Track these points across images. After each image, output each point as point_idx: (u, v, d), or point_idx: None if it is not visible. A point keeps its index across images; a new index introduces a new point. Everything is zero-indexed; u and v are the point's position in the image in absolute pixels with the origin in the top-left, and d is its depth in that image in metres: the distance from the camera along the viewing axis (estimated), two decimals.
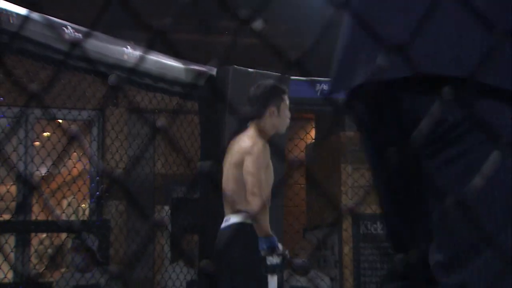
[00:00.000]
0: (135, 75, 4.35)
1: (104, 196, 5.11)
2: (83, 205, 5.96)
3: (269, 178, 3.62)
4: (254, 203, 3.47)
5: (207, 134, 4.89)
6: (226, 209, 3.71)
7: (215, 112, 4.77)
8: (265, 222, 3.48)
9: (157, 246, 5.94)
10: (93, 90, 4.71)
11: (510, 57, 1.24)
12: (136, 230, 5.70)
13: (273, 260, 3.49)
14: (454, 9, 1.25)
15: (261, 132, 3.75)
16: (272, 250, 3.47)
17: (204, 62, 4.69)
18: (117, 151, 5.20)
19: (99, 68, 3.98)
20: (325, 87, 5.42)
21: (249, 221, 3.53)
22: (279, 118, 3.76)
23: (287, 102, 3.82)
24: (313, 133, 7.39)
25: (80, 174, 5.51)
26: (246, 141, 3.62)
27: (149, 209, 5.81)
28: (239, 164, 3.60)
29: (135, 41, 4.46)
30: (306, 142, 7.05)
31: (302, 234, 6.97)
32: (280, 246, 3.57)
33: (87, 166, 5.69)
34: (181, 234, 5.61)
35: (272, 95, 3.77)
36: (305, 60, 1.39)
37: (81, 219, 5.90)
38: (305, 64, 1.39)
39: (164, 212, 5.81)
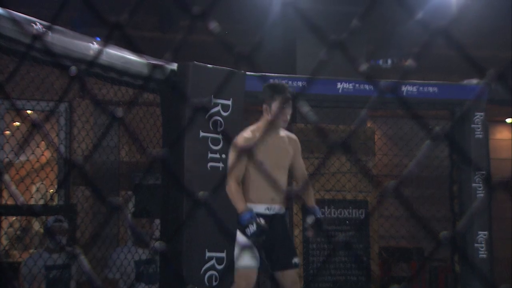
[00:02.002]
0: (100, 68, 4.28)
1: (66, 181, 5.04)
2: (51, 190, 5.86)
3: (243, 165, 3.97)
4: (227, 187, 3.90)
5: (168, 124, 4.85)
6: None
7: (175, 104, 4.73)
8: (234, 202, 3.88)
9: (121, 228, 5.88)
10: (61, 83, 4.62)
11: None
12: (101, 214, 5.64)
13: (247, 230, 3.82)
14: None
15: (259, 125, 4.09)
16: (241, 226, 3.82)
17: (170, 59, 4.64)
18: (83, 140, 5.12)
19: (66, 62, 3.91)
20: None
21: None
22: (271, 115, 4.05)
23: (282, 103, 4.03)
24: None
25: (48, 161, 5.41)
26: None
27: (114, 194, 5.75)
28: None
29: (102, 37, 4.39)
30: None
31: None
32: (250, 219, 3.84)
33: (55, 154, 5.59)
34: (137, 218, 5.57)
35: (265, 94, 4.07)
36: (255, 56, 1.37)
37: (49, 203, 5.80)
38: (255, 59, 1.37)
39: (127, 197, 5.75)
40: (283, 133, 4.17)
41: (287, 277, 3.99)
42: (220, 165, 4.78)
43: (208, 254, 4.67)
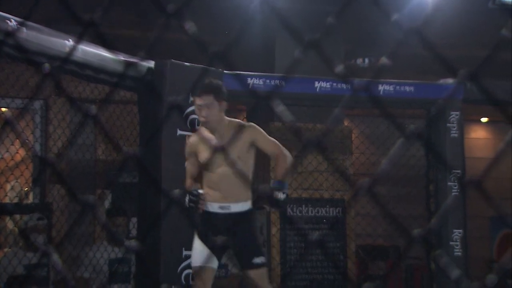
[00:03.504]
0: (76, 66, 4.25)
1: (41, 180, 4.99)
2: (26, 188, 5.81)
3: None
4: None
5: (145, 123, 4.83)
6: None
7: (152, 103, 4.71)
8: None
9: (96, 227, 5.84)
10: (36, 80, 4.58)
11: None
12: (76, 212, 5.59)
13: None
14: None
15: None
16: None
17: (144, 57, 4.63)
18: (59, 139, 5.08)
19: (41, 60, 3.87)
20: (255, 81, 5.42)
21: None
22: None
23: (197, 103, 4.02)
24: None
25: (23, 159, 5.36)
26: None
27: (90, 192, 5.71)
28: None
29: (76, 35, 4.35)
30: None
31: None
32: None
33: (30, 152, 5.54)
34: (113, 216, 5.52)
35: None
36: (231, 55, 1.37)
37: (24, 202, 5.74)
38: (230, 59, 1.37)
39: (103, 195, 5.72)
40: (232, 125, 4.11)
41: (250, 276, 3.91)
42: None
43: (185, 252, 4.66)
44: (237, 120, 4.32)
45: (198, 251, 3.89)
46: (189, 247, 4.64)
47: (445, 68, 1.38)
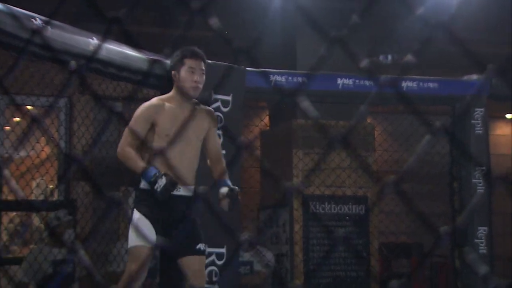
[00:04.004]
0: (99, 64, 4.28)
1: (66, 177, 5.02)
2: (51, 186, 5.86)
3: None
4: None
5: None
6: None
7: None
8: (131, 164, 3.52)
9: (121, 224, 5.88)
10: (60, 78, 4.61)
11: None
12: (101, 209, 5.64)
13: None
14: None
15: (170, 94, 3.66)
16: (148, 182, 3.44)
17: (169, 54, 4.64)
18: (83, 136, 5.12)
19: (65, 57, 3.90)
20: (278, 78, 5.41)
21: None
22: (180, 82, 3.62)
23: (191, 65, 3.63)
24: (267, 120, 7.39)
25: (48, 157, 5.41)
26: None
27: (114, 189, 5.74)
28: None
29: (101, 33, 4.39)
30: (261, 129, 7.05)
31: (257, 213, 6.98)
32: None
33: (55, 150, 5.59)
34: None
35: (173, 60, 3.67)
36: (255, 51, 1.36)
37: (49, 199, 5.80)
38: (255, 54, 1.36)
39: (127, 193, 5.75)
40: (199, 106, 3.74)
41: (190, 264, 3.55)
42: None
43: (208, 250, 4.67)
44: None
45: (139, 230, 3.50)
46: (212, 244, 4.65)
47: (472, 64, 1.36)
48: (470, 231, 5.44)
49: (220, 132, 4.77)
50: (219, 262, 4.81)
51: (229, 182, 3.64)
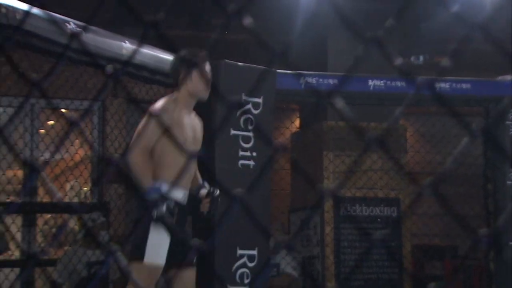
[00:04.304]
0: (132, 67, 4.32)
1: (102, 179, 5.07)
2: (85, 188, 5.93)
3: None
4: None
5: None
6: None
7: (207, 103, 4.74)
8: (140, 175, 3.27)
9: None
10: (94, 82, 4.67)
11: None
12: (133, 211, 5.69)
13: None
14: None
15: (177, 98, 3.49)
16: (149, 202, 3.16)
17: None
18: (116, 139, 5.17)
19: (100, 61, 3.95)
20: (308, 79, 5.40)
21: None
22: (193, 84, 3.51)
23: (204, 67, 3.59)
24: (297, 122, 7.38)
25: (82, 160, 5.48)
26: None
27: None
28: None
29: (134, 37, 4.43)
30: (291, 131, 7.05)
31: (288, 215, 6.97)
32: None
33: (89, 152, 5.66)
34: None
35: (179, 62, 3.57)
36: (289, 53, 1.36)
37: (83, 201, 5.87)
38: (289, 57, 1.36)
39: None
40: (193, 113, 3.63)
41: (185, 276, 3.42)
42: (251, 163, 4.78)
43: (239, 251, 4.67)
44: None
45: (165, 247, 3.29)
46: (244, 246, 4.66)
47: (508, 64, 1.34)
48: (505, 234, 5.37)
49: (251, 134, 4.78)
50: (251, 264, 4.81)
51: (205, 183, 3.58)
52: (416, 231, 6.51)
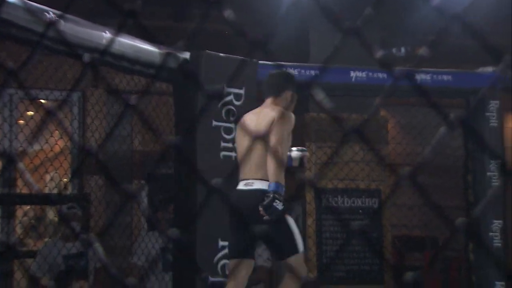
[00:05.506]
0: (112, 57, 4.29)
1: (80, 170, 5.05)
2: (65, 179, 5.90)
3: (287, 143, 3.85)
4: (276, 156, 3.72)
5: (180, 114, 4.85)
6: (247, 173, 3.80)
7: (188, 93, 4.73)
8: (282, 174, 3.70)
9: (134, 217, 5.91)
10: (73, 72, 4.64)
11: None
12: (114, 203, 5.67)
13: (278, 205, 3.61)
14: None
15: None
16: (277, 193, 3.61)
17: (182, 48, 4.65)
18: (97, 130, 5.14)
19: (79, 51, 3.91)
20: (290, 70, 5.40)
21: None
22: (291, 103, 3.96)
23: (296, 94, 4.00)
24: None
25: (62, 151, 5.44)
26: (271, 114, 3.84)
27: (127, 183, 5.76)
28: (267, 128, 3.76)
29: (114, 27, 4.40)
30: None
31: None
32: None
33: (69, 143, 5.63)
34: (156, 206, 5.59)
35: (289, 82, 4.02)
36: (269, 44, 1.36)
37: (63, 193, 5.83)
38: (269, 48, 1.36)
39: (141, 186, 5.78)
40: None
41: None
42: (233, 154, 4.78)
43: (221, 243, 4.68)
44: None
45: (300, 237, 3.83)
46: (226, 237, 4.66)
47: (487, 56, 1.35)
48: (485, 224, 5.42)
49: (233, 125, 4.78)
50: None
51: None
52: (397, 222, 6.56)
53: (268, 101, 3.99)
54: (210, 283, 4.58)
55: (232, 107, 4.86)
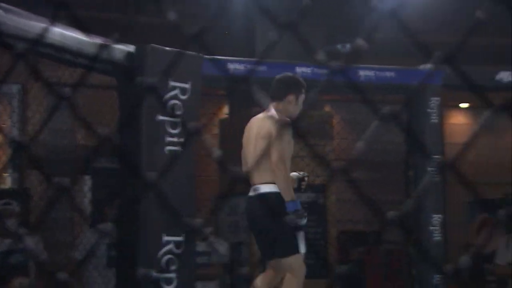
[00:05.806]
0: (53, 50, 4.20)
1: (17, 164, 4.94)
2: (4, 174, 5.76)
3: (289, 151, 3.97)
4: (280, 174, 3.80)
5: (124, 107, 4.79)
6: (255, 179, 3.92)
7: (131, 87, 4.67)
8: (291, 189, 3.85)
9: (76, 212, 5.81)
10: (12, 64, 4.52)
11: None
12: (55, 198, 5.56)
13: (299, 220, 3.82)
14: None
15: (278, 113, 3.99)
16: (298, 211, 3.81)
17: (125, 41, 4.60)
18: (37, 123, 5.03)
19: (19, 43, 3.81)
20: (237, 66, 5.40)
21: (278, 189, 3.84)
22: (296, 106, 4.01)
23: (304, 96, 4.06)
24: (225, 108, 7.38)
25: (0, 145, 5.31)
26: (273, 119, 3.92)
27: (70, 177, 5.66)
28: (267, 139, 3.91)
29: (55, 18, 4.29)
30: (220, 118, 7.04)
31: (215, 202, 6.98)
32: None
33: (5, 138, 5.49)
34: (101, 201, 5.52)
35: (294, 85, 4.06)
36: (207, 38, 1.36)
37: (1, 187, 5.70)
38: (206, 41, 1.36)
39: (84, 181, 5.69)
40: None
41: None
42: (178, 148, 4.75)
43: (165, 238, 4.65)
44: None
45: (301, 240, 3.94)
46: (170, 232, 4.63)
47: (421, 52, 1.38)
48: (424, 219, 5.54)
49: (178, 120, 4.75)
50: (178, 251, 4.80)
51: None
52: (341, 217, 6.64)
53: (272, 105, 4.05)
54: (154, 278, 4.55)
55: (178, 102, 4.83)
